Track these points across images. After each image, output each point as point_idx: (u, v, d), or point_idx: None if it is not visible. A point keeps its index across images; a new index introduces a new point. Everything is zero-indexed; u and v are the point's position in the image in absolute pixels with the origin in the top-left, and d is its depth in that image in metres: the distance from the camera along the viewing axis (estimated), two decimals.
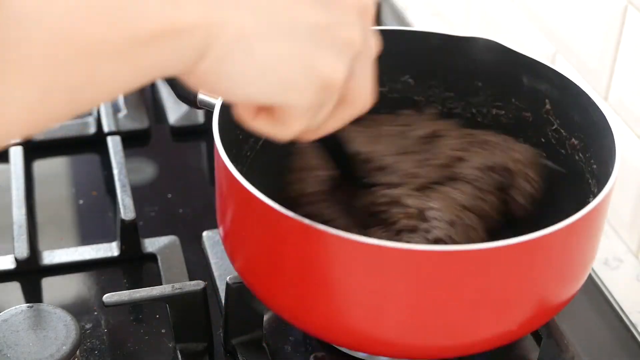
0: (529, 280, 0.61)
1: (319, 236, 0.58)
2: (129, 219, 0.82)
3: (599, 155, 0.70)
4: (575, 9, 0.90)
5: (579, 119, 0.73)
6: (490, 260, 0.59)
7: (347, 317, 0.62)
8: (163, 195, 0.93)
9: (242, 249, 0.66)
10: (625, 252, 0.88)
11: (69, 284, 0.82)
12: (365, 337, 0.63)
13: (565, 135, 0.75)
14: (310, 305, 0.63)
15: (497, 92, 0.79)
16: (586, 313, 0.81)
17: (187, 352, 0.73)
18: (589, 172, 0.72)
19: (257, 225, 0.63)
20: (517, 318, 0.63)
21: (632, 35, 0.83)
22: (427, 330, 0.62)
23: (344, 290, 0.61)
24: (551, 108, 0.75)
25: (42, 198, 0.91)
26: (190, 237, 0.85)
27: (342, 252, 0.59)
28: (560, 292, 0.65)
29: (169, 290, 0.71)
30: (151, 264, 0.84)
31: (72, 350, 0.66)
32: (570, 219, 0.60)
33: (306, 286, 0.62)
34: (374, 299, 0.60)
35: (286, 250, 0.61)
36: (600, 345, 0.78)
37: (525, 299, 0.62)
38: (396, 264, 0.58)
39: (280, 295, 0.65)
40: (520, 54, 0.75)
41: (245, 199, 0.61)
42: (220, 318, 0.75)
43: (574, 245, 0.63)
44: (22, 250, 0.81)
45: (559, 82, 0.74)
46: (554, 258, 0.61)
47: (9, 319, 0.67)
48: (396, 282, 0.59)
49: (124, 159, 0.90)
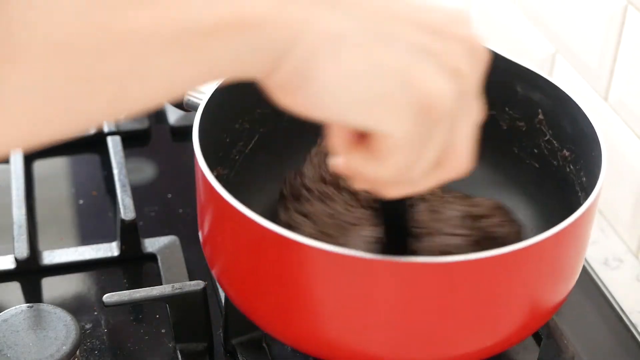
0: (519, 288, 0.60)
1: (296, 247, 0.56)
2: (129, 219, 0.82)
3: (588, 167, 0.69)
4: (575, 9, 0.90)
5: (570, 130, 0.72)
6: (475, 271, 0.57)
7: (325, 329, 0.60)
8: (163, 195, 0.93)
9: (220, 257, 0.66)
10: (625, 252, 0.88)
11: (69, 284, 0.82)
12: (345, 350, 0.61)
13: (557, 147, 0.74)
14: (288, 316, 0.61)
15: (491, 101, 0.78)
16: (586, 313, 0.81)
17: (187, 352, 0.73)
18: (579, 184, 0.71)
19: (234, 234, 0.61)
20: (509, 327, 0.62)
21: (632, 35, 0.83)
22: (409, 344, 0.60)
23: (322, 302, 0.59)
24: (544, 118, 0.74)
25: (42, 198, 0.91)
26: (190, 237, 0.85)
27: (319, 264, 0.57)
28: (551, 297, 0.64)
29: (169, 290, 0.71)
30: (151, 264, 0.84)
31: (72, 350, 0.66)
32: (555, 229, 0.58)
33: (284, 297, 0.60)
34: (351, 310, 0.58)
35: (263, 261, 0.60)
36: (600, 345, 0.78)
37: (517, 307, 0.61)
38: (376, 276, 0.56)
39: (258, 306, 0.63)
40: (514, 63, 0.74)
41: (222, 206, 0.60)
42: (220, 318, 0.75)
43: (561, 253, 0.61)
44: (22, 250, 0.81)
45: (551, 92, 0.72)
46: (542, 266, 0.60)
47: (9, 319, 0.67)
48: (376, 294, 0.57)
49: (124, 159, 0.90)
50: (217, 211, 0.63)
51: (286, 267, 0.59)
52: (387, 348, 0.60)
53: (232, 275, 0.65)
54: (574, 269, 0.65)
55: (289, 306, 0.61)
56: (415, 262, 0.56)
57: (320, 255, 0.56)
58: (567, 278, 0.65)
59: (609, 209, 0.91)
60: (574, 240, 0.62)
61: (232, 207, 0.58)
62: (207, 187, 0.61)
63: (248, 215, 0.57)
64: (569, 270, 0.64)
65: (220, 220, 0.63)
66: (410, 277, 0.56)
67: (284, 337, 0.65)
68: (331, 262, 0.56)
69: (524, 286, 0.60)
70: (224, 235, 0.63)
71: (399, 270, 0.56)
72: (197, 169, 0.63)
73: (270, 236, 0.57)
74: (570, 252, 0.63)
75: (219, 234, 0.64)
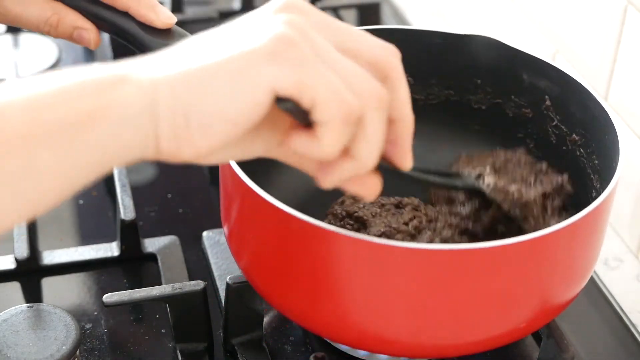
0: (533, 278, 0.61)
1: (326, 236, 0.58)
2: (129, 219, 0.82)
3: (601, 150, 0.70)
4: (575, 9, 0.90)
5: (580, 114, 0.73)
6: (495, 258, 0.59)
7: (353, 315, 0.62)
8: (163, 195, 0.93)
9: (247, 249, 0.67)
10: (625, 252, 0.88)
11: (69, 284, 0.82)
12: (371, 336, 0.63)
13: (565, 131, 0.75)
14: (316, 304, 0.63)
15: (497, 89, 0.79)
16: (586, 313, 0.81)
17: (187, 352, 0.73)
18: (591, 167, 0.72)
19: (263, 226, 0.63)
20: (522, 316, 0.63)
21: (632, 35, 0.83)
22: (431, 329, 0.62)
23: (350, 289, 0.61)
24: (551, 104, 0.76)
25: None
26: (190, 237, 0.85)
27: (348, 252, 0.59)
28: (565, 290, 0.65)
29: (169, 290, 0.71)
30: (151, 264, 0.84)
31: (72, 350, 0.66)
32: (575, 218, 0.60)
33: (312, 286, 0.62)
34: (379, 297, 0.60)
35: (292, 251, 0.61)
36: (600, 345, 0.78)
37: (530, 298, 0.62)
38: (402, 263, 0.58)
39: (286, 295, 0.65)
40: (519, 51, 0.76)
41: (251, 200, 0.61)
42: (220, 318, 0.75)
43: (578, 243, 0.63)
44: (22, 250, 0.81)
45: (558, 79, 0.74)
46: (558, 256, 0.61)
47: (9, 319, 0.67)
48: (401, 280, 0.59)
49: None
50: (246, 204, 0.64)
51: (317, 256, 0.60)
52: (411, 333, 0.62)
53: (262, 266, 0.66)
54: (589, 263, 0.66)
55: (319, 295, 0.62)
56: (439, 249, 0.58)
57: (348, 243, 0.58)
58: (580, 271, 0.66)
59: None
60: (592, 227, 0.63)
61: (264, 200, 0.60)
62: (237, 181, 0.62)
63: (279, 207, 0.59)
64: (583, 263, 0.65)
65: (249, 213, 0.64)
66: (431, 264, 0.58)
67: (313, 325, 0.66)
68: (361, 249, 0.58)
69: (540, 275, 0.61)
70: (253, 228, 0.64)
71: (424, 257, 0.58)
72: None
73: (302, 226, 0.59)
74: (588, 241, 0.64)
75: (248, 227, 0.65)
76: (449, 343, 0.63)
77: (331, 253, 0.59)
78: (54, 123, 0.45)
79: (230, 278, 0.71)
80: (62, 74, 0.47)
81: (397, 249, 0.57)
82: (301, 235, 0.60)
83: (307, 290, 0.63)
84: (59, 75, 0.47)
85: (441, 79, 0.79)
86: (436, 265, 0.58)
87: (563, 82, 0.74)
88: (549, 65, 0.74)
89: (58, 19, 0.67)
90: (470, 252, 0.58)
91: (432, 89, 0.80)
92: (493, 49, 0.77)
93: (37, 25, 0.68)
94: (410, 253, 0.58)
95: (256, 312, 0.72)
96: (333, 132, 0.49)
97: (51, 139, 0.45)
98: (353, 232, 0.58)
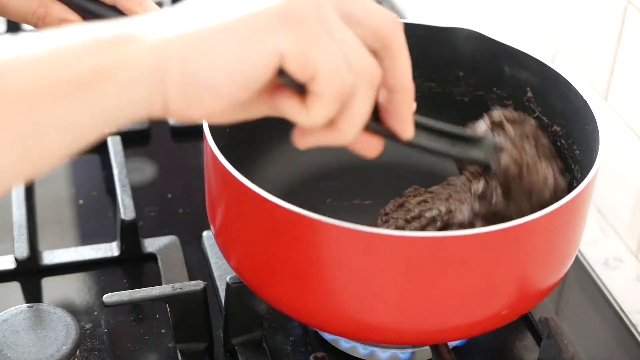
0: (514, 265, 0.62)
1: (314, 225, 0.58)
2: (129, 219, 0.82)
3: (582, 140, 0.71)
4: (575, 9, 0.91)
5: (561, 106, 0.73)
6: (476, 246, 0.59)
7: (342, 304, 0.62)
8: (163, 195, 0.93)
9: (236, 244, 0.66)
10: (625, 252, 0.88)
11: (69, 284, 0.82)
12: (360, 324, 0.63)
13: (547, 123, 0.75)
14: (307, 294, 0.63)
15: (479, 81, 0.79)
16: (586, 313, 0.81)
17: (187, 352, 0.73)
18: (572, 157, 0.72)
19: (250, 217, 0.63)
20: (505, 302, 0.64)
21: (632, 35, 0.83)
22: (416, 315, 0.62)
23: (340, 278, 0.61)
24: (532, 96, 0.76)
25: (42, 198, 0.91)
26: (190, 237, 0.85)
27: (337, 240, 0.59)
28: (545, 278, 0.65)
29: (169, 290, 0.71)
30: (151, 264, 0.84)
31: (72, 350, 0.66)
32: (554, 206, 0.60)
33: (302, 276, 0.62)
34: (364, 285, 0.60)
35: (281, 241, 0.61)
36: (600, 345, 0.79)
37: (511, 284, 0.63)
38: (387, 251, 0.59)
39: (277, 287, 0.65)
40: (500, 43, 0.76)
41: (236, 189, 0.61)
42: (220, 318, 0.75)
43: (557, 231, 0.63)
44: (22, 250, 0.81)
45: (539, 70, 0.74)
46: (538, 244, 0.62)
47: (9, 319, 0.67)
48: (385, 267, 0.60)
49: (124, 159, 0.90)
50: (231, 195, 0.64)
51: (306, 245, 0.60)
52: (399, 320, 0.62)
53: (252, 260, 0.66)
54: (570, 250, 0.67)
55: (309, 285, 0.62)
56: (422, 236, 0.60)
57: (338, 232, 0.58)
58: (561, 258, 0.66)
59: (609, 209, 0.91)
60: (572, 216, 0.64)
61: (249, 189, 0.60)
62: (221, 172, 0.62)
63: (266, 197, 0.59)
64: (564, 250, 0.66)
65: (235, 204, 0.64)
66: (414, 251, 0.59)
67: (304, 316, 0.66)
68: (349, 238, 0.58)
69: (521, 262, 0.62)
70: (240, 221, 0.64)
71: (404, 244, 0.59)
72: (209, 154, 0.65)
73: (289, 216, 0.59)
74: (568, 229, 0.65)
75: (235, 220, 0.65)
76: (432, 328, 0.64)
77: (316, 241, 0.60)
78: (59, 82, 0.45)
79: (230, 278, 0.71)
80: (66, 32, 0.47)
81: (380, 236, 0.58)
82: (287, 225, 0.60)
83: (297, 281, 0.63)
84: (63, 33, 0.47)
85: (424, 71, 0.79)
86: (419, 252, 0.59)
87: (543, 73, 0.74)
88: (530, 57, 0.75)
89: (45, 11, 0.67)
90: (452, 240, 0.59)
91: (415, 82, 0.79)
92: (475, 41, 0.77)
93: (24, 17, 0.67)
94: (394, 240, 0.58)
95: (256, 312, 0.72)
96: (324, 104, 0.50)
97: (57, 97, 0.45)
98: (337, 220, 0.58)
